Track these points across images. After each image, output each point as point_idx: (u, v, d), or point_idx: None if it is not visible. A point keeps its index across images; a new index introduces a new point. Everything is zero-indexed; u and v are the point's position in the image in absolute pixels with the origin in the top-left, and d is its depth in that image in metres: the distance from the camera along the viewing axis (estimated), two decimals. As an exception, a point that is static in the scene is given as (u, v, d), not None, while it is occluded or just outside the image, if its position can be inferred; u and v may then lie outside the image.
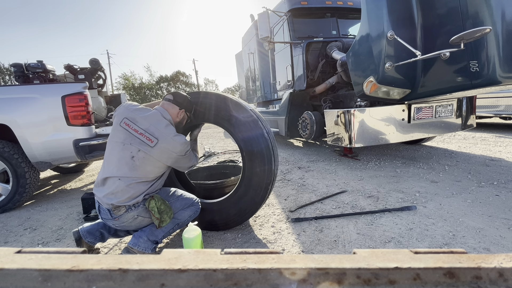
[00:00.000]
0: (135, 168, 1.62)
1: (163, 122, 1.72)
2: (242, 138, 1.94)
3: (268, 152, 1.90)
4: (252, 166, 1.92)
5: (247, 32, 7.57)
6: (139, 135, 1.65)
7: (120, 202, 1.60)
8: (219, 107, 1.98)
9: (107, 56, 35.74)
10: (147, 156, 1.64)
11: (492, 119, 7.03)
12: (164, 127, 1.70)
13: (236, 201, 2.00)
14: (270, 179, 1.91)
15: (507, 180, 2.82)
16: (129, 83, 35.96)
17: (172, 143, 1.68)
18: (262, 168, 1.90)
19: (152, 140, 1.64)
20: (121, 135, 1.66)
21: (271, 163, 1.90)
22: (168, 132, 1.70)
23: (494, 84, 2.47)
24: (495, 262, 0.31)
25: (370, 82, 3.10)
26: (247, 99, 8.75)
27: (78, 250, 0.34)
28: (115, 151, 1.65)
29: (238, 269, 0.30)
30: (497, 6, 2.27)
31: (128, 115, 1.70)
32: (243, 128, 1.93)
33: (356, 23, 5.11)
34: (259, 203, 1.97)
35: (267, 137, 1.92)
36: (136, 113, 1.72)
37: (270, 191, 2.00)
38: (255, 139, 1.91)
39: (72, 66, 4.23)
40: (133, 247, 1.67)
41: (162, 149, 1.65)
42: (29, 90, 2.88)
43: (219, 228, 2.11)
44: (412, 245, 1.77)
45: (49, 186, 3.93)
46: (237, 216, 2.03)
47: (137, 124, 1.67)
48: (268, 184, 1.92)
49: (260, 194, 1.94)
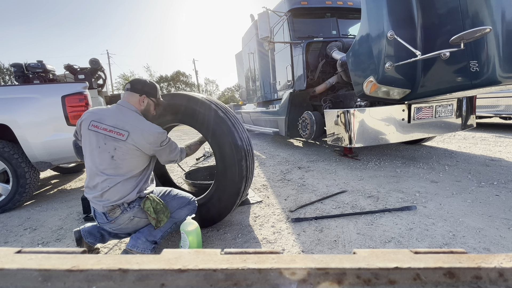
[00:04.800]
0: (119, 167, 1.59)
1: (130, 114, 1.68)
2: (208, 133, 2.00)
3: (230, 131, 1.94)
4: (220, 149, 1.97)
5: (247, 32, 7.57)
6: (109, 133, 1.60)
7: (113, 202, 1.58)
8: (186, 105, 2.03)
9: (107, 56, 35.77)
10: (124, 151, 1.60)
11: (492, 119, 7.03)
12: (133, 118, 1.66)
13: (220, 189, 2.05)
14: (240, 155, 1.94)
15: (507, 180, 2.82)
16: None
17: (144, 133, 1.62)
18: (230, 148, 1.93)
19: (122, 134, 1.60)
20: (93, 139, 1.62)
21: (236, 141, 1.94)
22: (138, 123, 1.65)
23: (494, 84, 2.47)
24: (495, 262, 0.31)
25: (370, 82, 3.10)
26: (247, 99, 8.75)
27: (78, 250, 0.34)
28: (94, 156, 1.62)
29: (238, 269, 0.30)
30: (497, 6, 2.27)
31: (94, 117, 1.65)
32: (201, 118, 1.98)
33: (356, 23, 5.11)
34: (239, 182, 2.00)
35: (224, 117, 1.96)
36: (101, 112, 1.68)
37: (248, 169, 2.04)
38: (214, 123, 1.96)
39: (72, 66, 4.24)
40: (132, 249, 1.65)
41: (134, 141, 1.60)
42: (29, 90, 2.88)
43: (215, 221, 2.14)
44: (412, 245, 1.77)
45: (49, 186, 3.93)
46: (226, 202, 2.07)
47: (105, 122, 1.62)
48: (240, 160, 1.94)
49: (236, 173, 1.96)
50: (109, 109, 1.72)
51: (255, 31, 6.47)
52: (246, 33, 7.67)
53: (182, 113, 2.06)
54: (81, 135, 1.70)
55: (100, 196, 1.59)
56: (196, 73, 47.99)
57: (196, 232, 1.68)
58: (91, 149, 1.62)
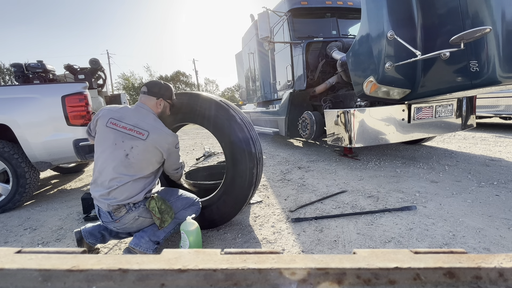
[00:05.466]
0: (131, 166, 1.61)
1: (150, 116, 1.74)
2: (218, 131, 1.99)
3: (246, 138, 1.92)
4: (233, 155, 1.95)
5: (247, 32, 7.57)
6: (129, 131, 1.64)
7: (119, 201, 1.59)
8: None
9: (107, 56, 35.82)
10: (141, 151, 1.63)
11: (492, 119, 7.03)
12: (152, 120, 1.73)
13: (227, 193, 2.03)
14: (253, 163, 1.93)
15: (507, 180, 2.82)
16: (129, 83, 35.98)
17: (162, 134, 1.69)
18: (242, 155, 1.91)
19: (143, 134, 1.64)
20: (110, 136, 1.64)
21: (250, 148, 1.92)
22: (157, 124, 1.72)
23: (494, 84, 2.47)
24: (495, 262, 0.31)
25: (370, 82, 3.10)
26: (247, 99, 8.75)
27: (78, 250, 0.34)
28: (106, 153, 1.63)
29: (238, 269, 0.30)
30: (497, 6, 2.27)
31: (113, 115, 1.68)
32: (218, 122, 1.96)
33: (356, 23, 5.11)
34: (248, 189, 1.98)
35: (241, 123, 1.95)
36: (121, 111, 1.71)
37: (257, 176, 2.02)
38: (230, 128, 1.94)
39: (72, 66, 4.23)
40: (134, 247, 1.66)
41: (154, 141, 1.66)
42: (29, 90, 2.88)
43: (217, 224, 2.13)
44: (412, 245, 1.77)
45: (49, 186, 3.93)
46: (232, 207, 2.05)
47: (125, 121, 1.66)
48: (252, 168, 1.93)
49: (246, 180, 1.95)
50: (129, 108, 1.75)
51: (255, 31, 6.47)
52: (246, 33, 7.67)
53: (196, 113, 2.04)
54: (96, 131, 1.72)
55: (107, 194, 1.59)
56: (196, 73, 48.08)
57: (196, 232, 1.68)
58: (105, 146, 1.64)
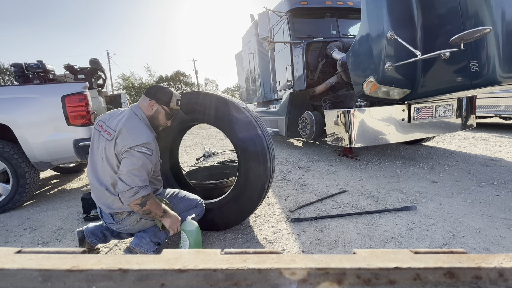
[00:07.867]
0: (106, 170, 1.54)
1: (130, 115, 1.58)
2: (237, 138, 1.93)
3: (263, 151, 1.88)
4: (248, 165, 1.91)
5: (247, 32, 7.56)
6: (104, 132, 1.55)
7: (118, 208, 1.58)
8: (218, 108, 1.96)
9: (107, 56, 35.79)
10: (109, 153, 1.50)
11: (492, 119, 7.02)
12: (127, 118, 1.55)
13: (234, 200, 2.01)
14: (266, 177, 1.90)
15: (507, 180, 2.82)
16: (129, 83, 35.97)
17: (123, 133, 1.46)
18: (257, 168, 1.88)
19: (110, 134, 1.49)
20: (95, 138, 1.61)
21: (266, 163, 1.89)
22: (128, 122, 1.51)
23: (494, 84, 2.47)
24: (495, 262, 0.31)
25: (370, 82, 3.10)
26: (247, 99, 8.74)
27: (78, 250, 0.34)
28: (92, 157, 1.62)
29: (238, 269, 0.30)
30: (497, 6, 2.27)
31: (103, 117, 1.64)
32: (238, 128, 1.91)
33: (356, 23, 5.10)
34: (256, 201, 1.97)
35: (261, 135, 1.90)
36: (112, 114, 1.66)
37: (267, 189, 2.00)
38: (250, 138, 1.88)
39: (72, 66, 4.23)
40: (135, 247, 1.66)
41: (116, 141, 1.48)
42: (29, 90, 2.88)
43: (219, 228, 2.12)
44: (412, 245, 1.77)
45: (49, 186, 3.93)
46: (237, 215, 2.04)
47: (107, 122, 1.58)
48: (265, 182, 1.90)
49: (256, 192, 1.93)
50: (120, 111, 1.70)
51: (255, 31, 6.47)
52: (246, 33, 7.67)
53: (215, 116, 1.96)
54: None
55: (102, 203, 1.60)
56: (196, 73, 48.06)
57: (196, 232, 1.68)
58: (91, 149, 1.64)
